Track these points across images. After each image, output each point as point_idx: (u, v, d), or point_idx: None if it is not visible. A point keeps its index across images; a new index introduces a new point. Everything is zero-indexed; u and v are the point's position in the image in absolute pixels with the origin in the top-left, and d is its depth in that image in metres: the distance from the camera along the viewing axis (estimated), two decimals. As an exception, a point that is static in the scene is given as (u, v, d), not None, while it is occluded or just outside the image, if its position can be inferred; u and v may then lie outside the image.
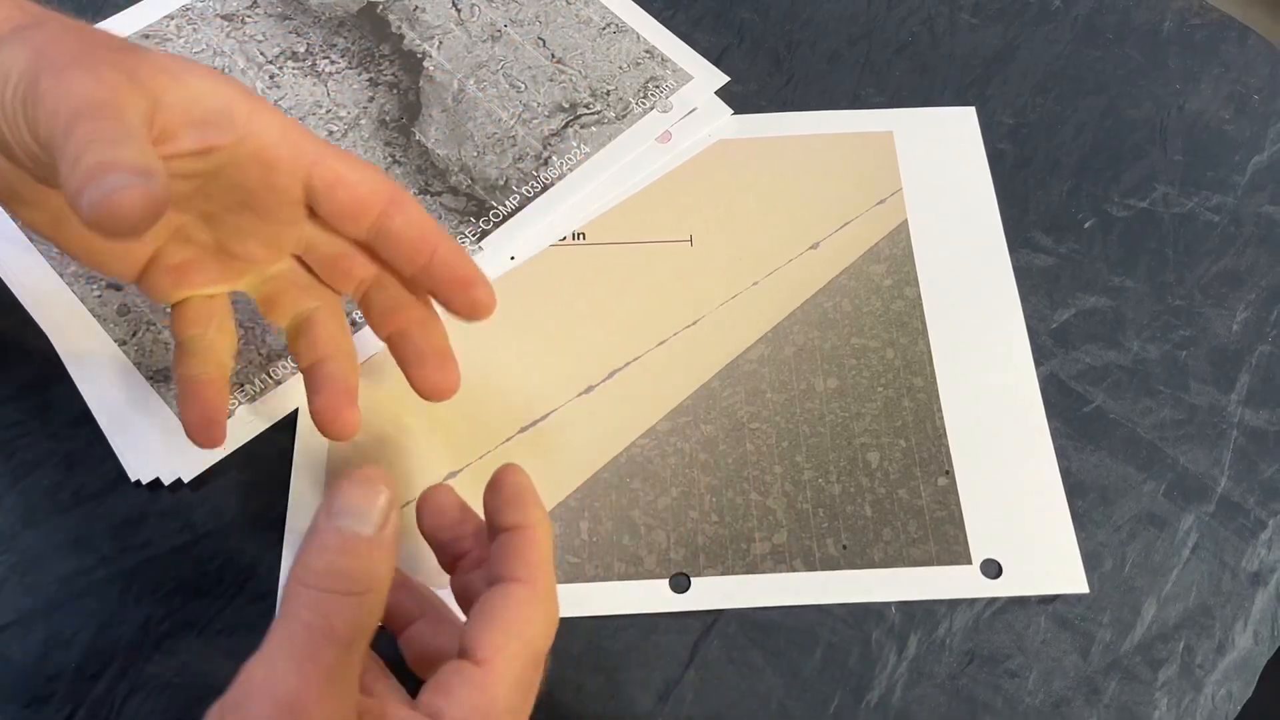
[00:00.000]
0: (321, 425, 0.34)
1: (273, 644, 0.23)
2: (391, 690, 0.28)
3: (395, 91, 0.45)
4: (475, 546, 0.31)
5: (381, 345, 0.39)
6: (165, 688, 0.34)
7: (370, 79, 0.46)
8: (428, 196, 0.43)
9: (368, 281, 0.35)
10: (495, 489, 0.30)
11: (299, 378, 0.39)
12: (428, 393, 0.35)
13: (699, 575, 0.36)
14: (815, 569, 0.36)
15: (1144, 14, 0.49)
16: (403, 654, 0.31)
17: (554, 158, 0.44)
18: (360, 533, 0.24)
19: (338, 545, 0.24)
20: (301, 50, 0.47)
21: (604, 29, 0.47)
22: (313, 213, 0.33)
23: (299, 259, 0.35)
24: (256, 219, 0.33)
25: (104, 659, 0.34)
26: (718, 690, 0.34)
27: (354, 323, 0.40)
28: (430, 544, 0.32)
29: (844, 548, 0.36)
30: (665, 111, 0.45)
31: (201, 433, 0.34)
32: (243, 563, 0.36)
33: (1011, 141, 0.45)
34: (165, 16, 0.47)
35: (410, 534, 0.37)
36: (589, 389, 0.39)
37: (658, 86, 0.46)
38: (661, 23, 0.48)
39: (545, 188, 0.43)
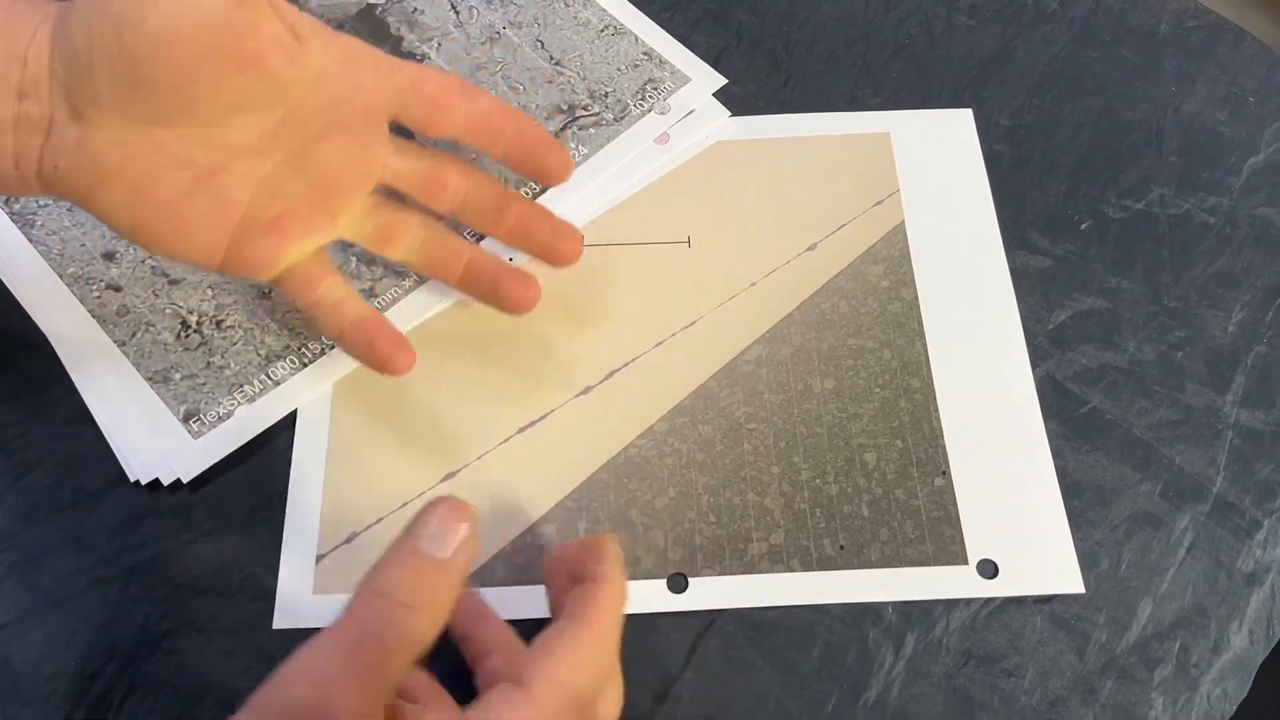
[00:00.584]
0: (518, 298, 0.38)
1: (326, 634, 0.25)
2: (441, 703, 0.29)
3: (394, 93, 0.45)
4: (499, 644, 0.32)
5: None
6: (164, 687, 0.34)
7: (369, 80, 0.46)
8: (426, 197, 0.43)
9: (461, 193, 0.37)
10: (591, 550, 0.30)
11: (297, 378, 0.39)
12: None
13: (696, 575, 0.36)
14: (812, 569, 0.36)
15: (1140, 16, 0.49)
16: (476, 684, 0.32)
17: (552, 159, 0.44)
18: (432, 554, 0.26)
19: (409, 562, 0.26)
20: (300, 52, 0.47)
21: (602, 31, 0.47)
22: (395, 131, 0.35)
23: (389, 192, 0.37)
24: (343, 143, 0.34)
25: (103, 658, 0.35)
26: (716, 689, 0.34)
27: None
28: (458, 641, 0.33)
29: (841, 548, 0.36)
30: (663, 113, 0.45)
31: (396, 360, 0.36)
32: (241, 563, 0.36)
33: (1008, 143, 0.45)
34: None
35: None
36: (587, 390, 0.39)
37: (656, 88, 0.46)
38: (659, 24, 0.48)
39: (543, 189, 0.43)
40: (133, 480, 0.37)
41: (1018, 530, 0.37)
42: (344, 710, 0.23)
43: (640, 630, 0.35)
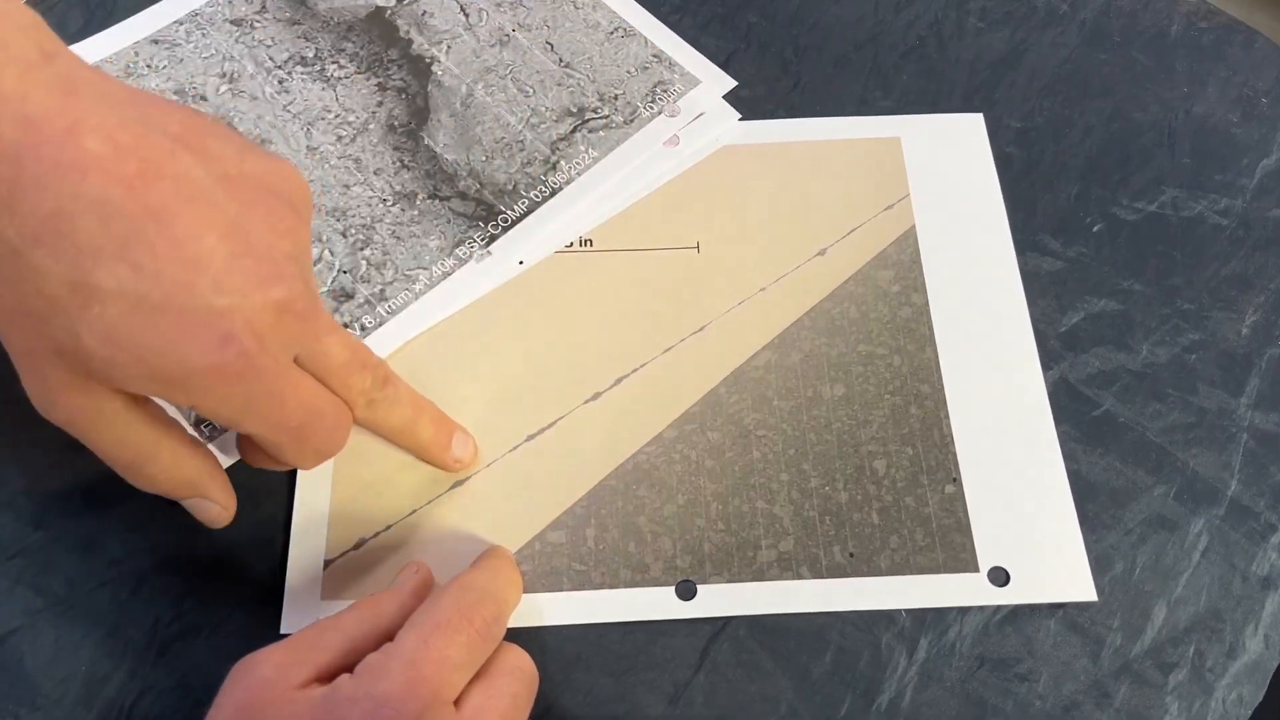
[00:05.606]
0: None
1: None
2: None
3: (404, 96, 0.46)
4: None
5: (394, 346, 0.40)
6: (173, 690, 0.34)
7: (379, 84, 0.46)
8: (436, 201, 0.43)
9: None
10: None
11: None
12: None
13: (705, 583, 0.36)
14: (822, 576, 0.36)
15: (1151, 17, 0.49)
16: None
17: (562, 162, 0.44)
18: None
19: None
20: (310, 55, 0.47)
21: (612, 33, 0.47)
22: None
23: None
24: None
25: (113, 661, 0.35)
26: (727, 693, 0.34)
27: (363, 329, 0.40)
28: None
29: (851, 555, 0.36)
30: (673, 116, 0.45)
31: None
32: (250, 567, 0.36)
33: (1019, 145, 0.45)
34: (174, 22, 0.47)
35: (425, 543, 0.37)
36: (595, 396, 0.39)
37: (665, 91, 0.46)
38: (669, 27, 0.48)
39: (553, 192, 0.43)
40: (143, 485, 0.37)
41: (1029, 537, 0.36)
42: None
43: (651, 634, 0.35)
